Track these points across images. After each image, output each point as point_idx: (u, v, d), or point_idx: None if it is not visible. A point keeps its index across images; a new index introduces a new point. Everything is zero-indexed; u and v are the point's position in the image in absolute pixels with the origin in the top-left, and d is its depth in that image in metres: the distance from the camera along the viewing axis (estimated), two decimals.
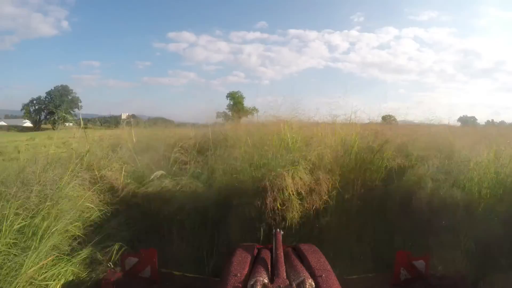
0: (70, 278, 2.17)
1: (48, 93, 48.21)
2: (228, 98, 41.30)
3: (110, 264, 2.30)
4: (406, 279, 2.22)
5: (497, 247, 2.49)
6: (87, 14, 72.26)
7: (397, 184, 3.41)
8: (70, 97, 48.91)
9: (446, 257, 2.55)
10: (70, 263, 2.24)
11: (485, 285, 2.32)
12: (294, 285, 1.44)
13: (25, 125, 45.73)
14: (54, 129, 42.43)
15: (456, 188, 3.11)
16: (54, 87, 48.50)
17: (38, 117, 48.29)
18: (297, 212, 3.05)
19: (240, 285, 1.55)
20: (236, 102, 40.18)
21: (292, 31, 76.11)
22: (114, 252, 2.55)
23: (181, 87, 74.53)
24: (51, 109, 46.97)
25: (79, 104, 49.10)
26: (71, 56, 79.99)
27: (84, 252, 2.38)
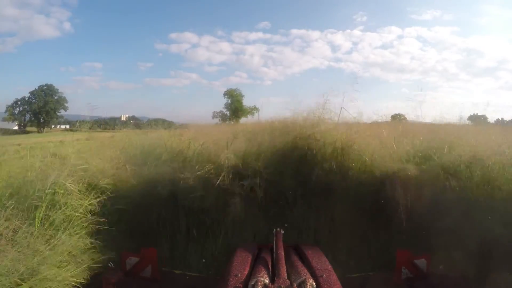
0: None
1: (32, 93, 47.83)
2: (226, 96, 40.88)
3: (110, 264, 2.40)
4: (408, 277, 2.33)
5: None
6: (89, 15, 74.08)
7: None
8: (56, 97, 48.52)
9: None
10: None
11: (486, 284, 2.42)
12: (295, 285, 1.51)
13: (15, 127, 45.60)
14: (39, 132, 42.24)
15: None
16: (38, 87, 48.14)
17: (22, 119, 47.99)
18: None
19: (241, 285, 1.62)
20: (234, 100, 39.76)
21: (295, 31, 78.15)
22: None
23: (183, 88, 76.12)
24: (35, 110, 46.65)
25: (66, 104, 48.93)
26: (72, 57, 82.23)
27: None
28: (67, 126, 50.82)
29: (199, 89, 74.01)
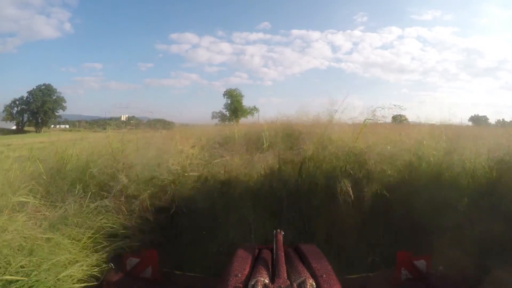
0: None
1: (30, 93, 48.00)
2: (225, 96, 40.99)
3: (111, 265, 2.42)
4: (407, 278, 2.35)
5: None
6: (89, 16, 74.88)
7: None
8: (54, 97, 48.74)
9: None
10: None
11: (486, 285, 2.45)
12: (295, 285, 1.53)
13: (13, 127, 45.84)
14: (37, 132, 42.35)
15: None
16: (36, 87, 48.34)
17: (21, 118, 48.14)
18: None
19: (241, 285, 1.63)
20: (234, 100, 39.87)
21: (295, 32, 79.27)
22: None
23: (184, 89, 76.99)
24: (33, 110, 46.83)
25: (64, 104, 49.16)
26: (73, 58, 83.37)
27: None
28: (67, 126, 51.14)
29: (200, 89, 74.61)
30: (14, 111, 47.13)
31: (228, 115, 39.00)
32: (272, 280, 1.65)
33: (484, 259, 2.57)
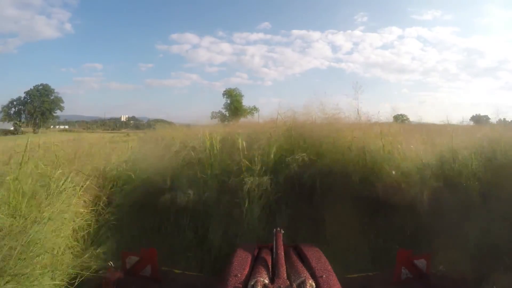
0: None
1: (27, 93, 47.96)
2: (225, 96, 40.95)
3: (110, 263, 2.44)
4: (408, 278, 2.35)
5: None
6: (90, 16, 75.36)
7: None
8: (52, 97, 48.65)
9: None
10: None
11: (486, 285, 2.46)
12: (294, 285, 1.55)
13: (12, 128, 45.74)
14: (35, 133, 42.29)
15: None
16: (34, 87, 48.26)
17: (18, 119, 48.02)
18: None
19: (241, 285, 1.65)
20: (233, 100, 39.83)
21: (296, 32, 79.83)
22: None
23: (184, 89, 77.36)
24: (30, 110, 46.78)
25: (61, 104, 49.06)
26: (73, 58, 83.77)
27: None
28: (66, 127, 51.24)
29: (200, 89, 74.94)
30: (12, 112, 47.03)
31: (227, 115, 38.93)
32: (272, 280, 1.66)
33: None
